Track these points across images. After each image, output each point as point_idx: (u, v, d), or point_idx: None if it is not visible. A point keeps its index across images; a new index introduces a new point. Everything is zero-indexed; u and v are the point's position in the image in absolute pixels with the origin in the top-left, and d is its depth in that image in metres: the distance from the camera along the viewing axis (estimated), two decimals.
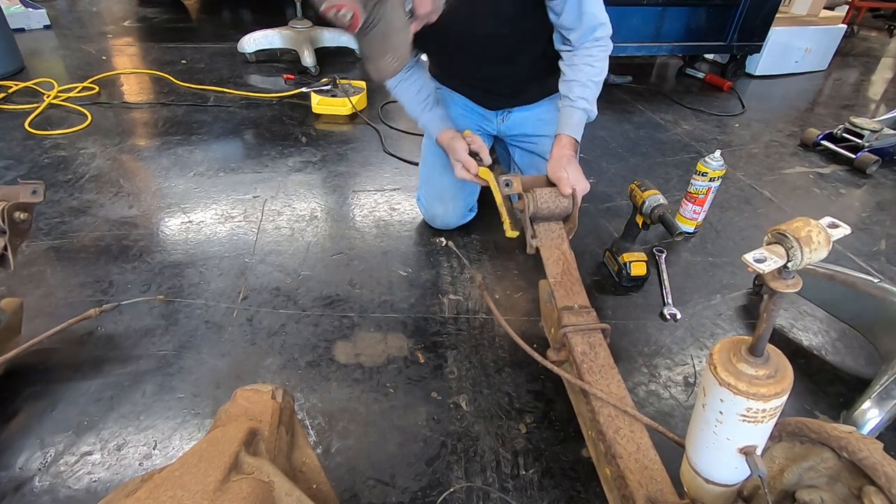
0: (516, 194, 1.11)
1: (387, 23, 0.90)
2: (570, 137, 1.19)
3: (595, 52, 1.20)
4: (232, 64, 2.69)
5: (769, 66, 2.98)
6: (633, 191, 1.32)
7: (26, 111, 2.04)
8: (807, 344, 1.23)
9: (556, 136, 1.20)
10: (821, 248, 0.47)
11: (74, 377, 1.04)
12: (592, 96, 1.21)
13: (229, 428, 0.56)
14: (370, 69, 0.98)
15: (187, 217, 1.52)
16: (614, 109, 2.43)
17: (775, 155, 2.13)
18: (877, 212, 1.77)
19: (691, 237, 1.57)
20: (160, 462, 0.90)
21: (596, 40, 1.19)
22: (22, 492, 0.85)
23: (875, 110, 2.75)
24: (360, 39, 0.94)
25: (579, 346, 0.90)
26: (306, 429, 0.97)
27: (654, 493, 0.69)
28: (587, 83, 1.19)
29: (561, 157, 1.15)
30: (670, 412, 1.04)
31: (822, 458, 0.56)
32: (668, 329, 1.24)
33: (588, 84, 1.19)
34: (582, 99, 1.19)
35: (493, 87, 1.41)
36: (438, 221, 1.49)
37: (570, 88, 1.20)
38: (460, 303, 1.28)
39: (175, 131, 2.01)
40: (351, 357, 1.12)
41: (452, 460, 0.93)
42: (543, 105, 1.45)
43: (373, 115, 2.21)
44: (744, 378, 0.51)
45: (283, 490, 0.51)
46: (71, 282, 1.26)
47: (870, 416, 0.95)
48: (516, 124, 1.47)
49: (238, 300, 1.24)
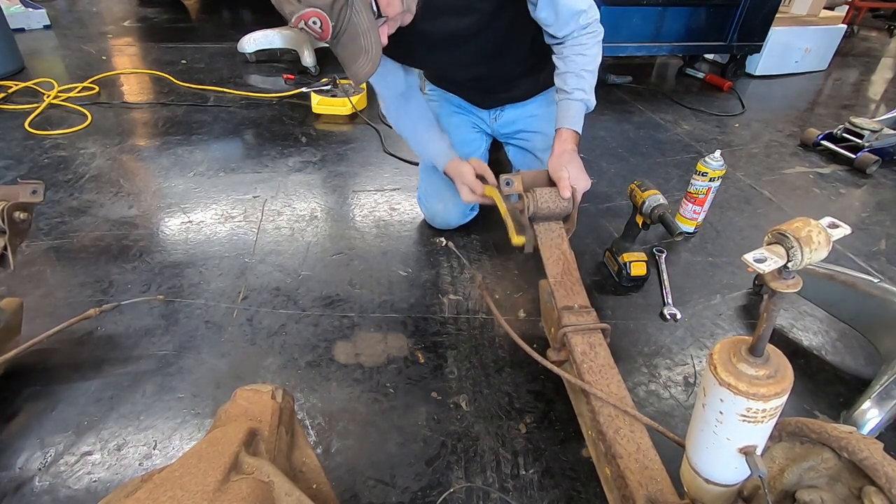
0: (516, 194, 1.12)
1: (355, 25, 0.92)
2: (570, 131, 1.17)
3: (584, 39, 1.17)
4: (232, 64, 2.69)
5: (769, 66, 2.98)
6: (633, 191, 1.32)
7: (26, 111, 2.04)
8: (807, 344, 1.23)
9: (557, 131, 1.18)
10: (821, 248, 0.47)
11: (74, 377, 1.04)
12: (589, 86, 1.18)
13: (229, 428, 0.56)
14: (348, 74, 1.00)
15: (187, 217, 1.52)
16: (614, 109, 2.43)
17: (775, 155, 2.13)
18: (877, 212, 1.77)
19: (691, 237, 1.57)
20: (160, 462, 0.90)
21: (583, 28, 1.16)
22: (22, 492, 0.85)
23: (875, 110, 2.75)
24: (334, 47, 0.96)
25: (579, 346, 0.90)
26: (306, 429, 0.97)
27: (654, 493, 0.69)
28: (581, 73, 1.17)
29: (562, 153, 1.14)
30: (670, 412, 1.04)
31: (823, 458, 0.56)
32: (668, 329, 1.24)
33: (582, 74, 1.17)
34: (578, 90, 1.17)
35: (483, 86, 1.40)
36: (439, 220, 1.49)
37: (565, 81, 1.18)
38: (460, 303, 1.28)
39: (175, 131, 2.01)
40: (351, 357, 1.12)
41: (452, 460, 0.93)
42: (535, 101, 1.45)
43: (373, 115, 2.21)
44: (744, 378, 0.51)
45: (283, 490, 0.51)
46: (71, 282, 1.26)
47: (870, 416, 0.95)
48: (509, 122, 1.47)
49: (238, 300, 1.24)
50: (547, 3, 1.12)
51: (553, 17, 1.13)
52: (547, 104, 1.45)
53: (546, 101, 1.45)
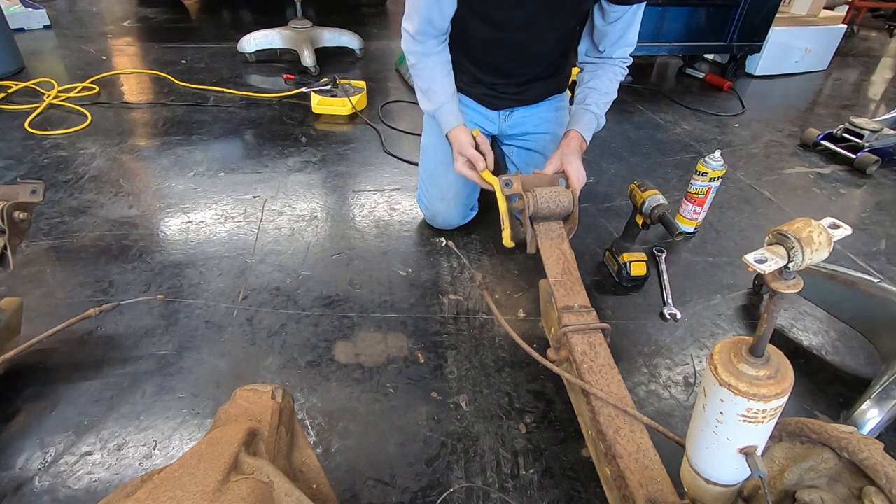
0: (516, 194, 1.12)
1: None
2: (579, 133, 1.23)
3: (619, 70, 1.28)
4: (232, 64, 2.69)
5: (769, 66, 2.98)
6: (633, 191, 1.32)
7: (26, 111, 2.04)
8: (807, 344, 1.23)
9: (567, 132, 1.24)
10: (822, 248, 0.47)
11: (74, 377, 1.04)
12: (604, 108, 1.28)
13: (229, 428, 0.56)
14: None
15: (187, 217, 1.52)
16: (614, 109, 2.39)
17: (775, 155, 2.13)
18: (877, 212, 1.77)
19: (691, 237, 1.57)
20: (160, 462, 0.90)
21: (623, 60, 1.28)
22: (22, 492, 0.85)
23: (875, 110, 2.75)
24: None
25: (579, 346, 0.90)
26: (306, 429, 0.97)
27: (654, 494, 0.69)
28: (605, 94, 1.27)
29: (568, 147, 1.19)
30: (670, 412, 1.04)
31: (823, 458, 0.56)
32: (668, 329, 1.24)
33: (605, 95, 1.28)
34: (596, 105, 1.26)
35: (501, 88, 1.41)
36: (440, 220, 1.49)
37: (587, 95, 1.27)
38: (460, 303, 1.28)
39: (175, 131, 2.01)
40: (351, 357, 1.12)
41: (452, 460, 0.93)
42: (545, 104, 1.46)
43: (373, 115, 2.21)
44: (744, 379, 0.51)
45: (283, 490, 0.51)
46: (71, 282, 1.26)
47: (870, 416, 0.95)
48: (518, 123, 1.47)
49: (238, 300, 1.24)
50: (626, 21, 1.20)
51: (618, 35, 1.22)
52: (555, 109, 1.48)
53: (554, 105, 1.48)
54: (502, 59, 1.31)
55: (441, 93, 1.28)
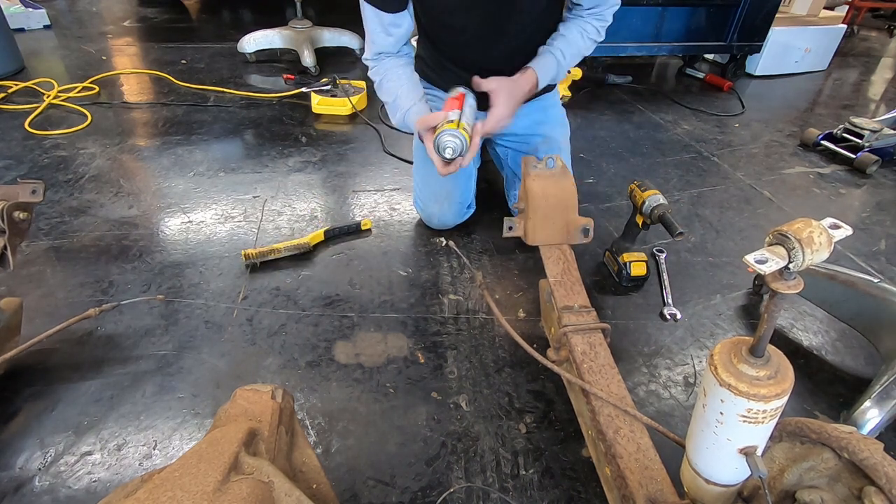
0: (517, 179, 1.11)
1: None
2: (533, 73, 1.22)
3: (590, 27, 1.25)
4: (232, 64, 2.69)
5: (769, 66, 2.97)
6: (633, 191, 1.32)
7: (26, 111, 2.04)
8: (807, 344, 1.23)
9: (524, 67, 1.23)
10: (822, 249, 0.47)
11: (74, 377, 1.04)
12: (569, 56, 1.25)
13: (229, 428, 0.56)
14: None
15: (187, 217, 1.52)
16: (614, 109, 2.43)
17: (775, 155, 2.13)
18: (877, 212, 1.77)
19: (691, 237, 1.57)
20: (160, 462, 0.90)
21: (597, 17, 1.24)
22: (22, 492, 0.85)
23: (875, 110, 2.75)
24: None
25: (579, 346, 0.90)
26: (306, 429, 0.97)
27: (654, 494, 0.69)
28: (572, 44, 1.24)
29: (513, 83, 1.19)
30: (670, 412, 1.04)
31: (823, 458, 0.56)
32: (668, 329, 1.24)
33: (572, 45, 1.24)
34: (560, 51, 1.23)
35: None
36: (436, 221, 1.48)
37: (554, 38, 1.25)
38: (460, 303, 1.28)
39: (175, 131, 2.01)
40: (351, 357, 1.12)
41: (452, 460, 0.93)
42: (533, 105, 1.45)
43: (373, 115, 2.21)
44: (744, 379, 0.51)
45: (283, 490, 0.51)
46: (71, 282, 1.26)
47: (870, 416, 0.95)
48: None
49: (238, 300, 1.24)
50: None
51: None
52: (542, 109, 1.47)
53: (541, 106, 1.46)
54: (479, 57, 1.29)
55: (405, 98, 1.25)
